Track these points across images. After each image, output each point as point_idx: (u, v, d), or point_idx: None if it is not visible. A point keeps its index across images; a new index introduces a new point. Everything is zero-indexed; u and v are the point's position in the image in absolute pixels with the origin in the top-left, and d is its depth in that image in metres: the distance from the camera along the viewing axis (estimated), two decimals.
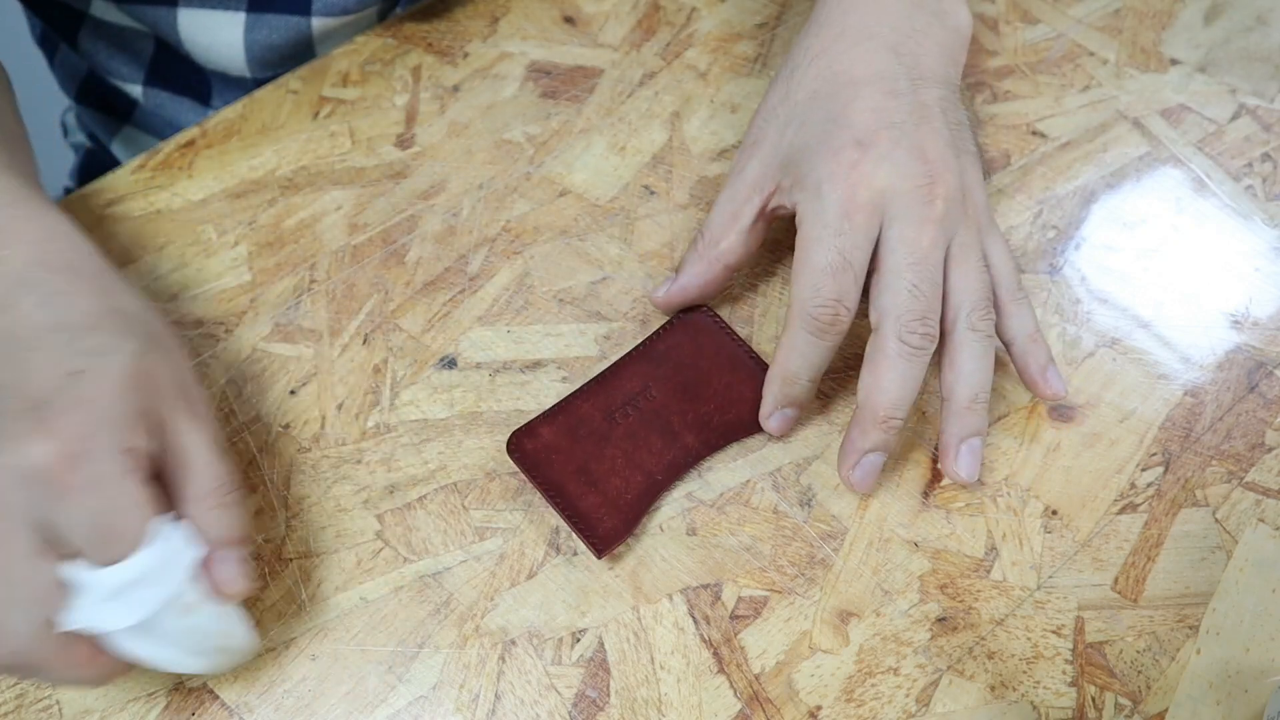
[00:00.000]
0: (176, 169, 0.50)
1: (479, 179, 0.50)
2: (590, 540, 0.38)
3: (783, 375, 0.39)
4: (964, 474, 0.39)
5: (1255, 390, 0.43)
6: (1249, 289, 0.46)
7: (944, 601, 0.38)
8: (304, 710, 0.36)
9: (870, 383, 0.38)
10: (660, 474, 0.40)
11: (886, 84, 0.41)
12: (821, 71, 0.42)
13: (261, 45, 0.55)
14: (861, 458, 0.38)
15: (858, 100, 0.40)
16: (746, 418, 0.41)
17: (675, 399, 0.42)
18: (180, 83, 0.60)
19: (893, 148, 0.39)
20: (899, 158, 0.39)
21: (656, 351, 0.43)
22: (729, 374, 0.42)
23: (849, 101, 0.40)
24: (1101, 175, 0.49)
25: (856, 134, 0.39)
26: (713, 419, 0.41)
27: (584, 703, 0.36)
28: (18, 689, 0.37)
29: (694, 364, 0.42)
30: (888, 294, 0.38)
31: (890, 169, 0.38)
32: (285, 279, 0.47)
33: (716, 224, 0.42)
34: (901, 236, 0.38)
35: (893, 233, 0.38)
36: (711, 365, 0.43)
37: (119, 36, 0.58)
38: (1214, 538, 0.40)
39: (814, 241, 0.38)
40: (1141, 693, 0.36)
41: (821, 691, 0.37)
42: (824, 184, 0.39)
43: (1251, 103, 0.51)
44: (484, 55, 0.54)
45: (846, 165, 0.39)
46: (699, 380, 0.42)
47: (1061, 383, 0.41)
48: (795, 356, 0.39)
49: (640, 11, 0.56)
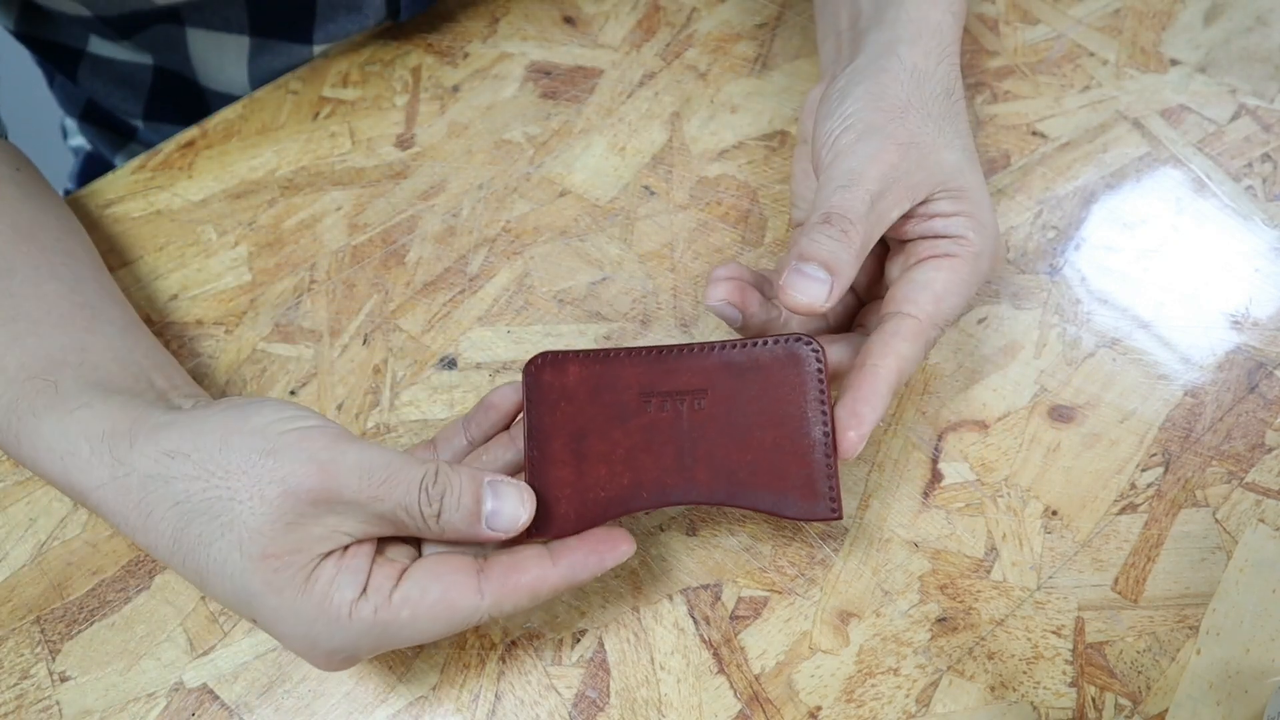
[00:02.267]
0: (176, 169, 0.50)
1: (479, 179, 0.50)
2: (536, 516, 0.34)
3: (894, 389, 0.37)
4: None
5: (1255, 390, 0.43)
6: (1249, 289, 0.46)
7: (944, 602, 0.38)
8: (304, 710, 0.36)
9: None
10: (648, 491, 0.35)
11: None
12: (966, 115, 0.42)
13: (264, 70, 0.56)
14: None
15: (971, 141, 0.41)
16: (770, 495, 0.35)
17: (718, 425, 0.36)
18: (179, 114, 0.60)
19: None
20: None
21: (737, 361, 0.36)
22: (787, 436, 0.36)
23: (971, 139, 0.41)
24: (1101, 175, 0.49)
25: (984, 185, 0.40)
26: (738, 474, 0.35)
27: (584, 703, 0.36)
28: (18, 689, 0.37)
29: (760, 400, 0.36)
30: (946, 305, 0.38)
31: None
32: (285, 279, 0.47)
33: (869, 221, 0.36)
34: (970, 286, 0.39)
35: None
36: (776, 414, 0.36)
37: (117, 72, 0.58)
38: (1214, 538, 0.40)
39: (967, 287, 0.38)
40: (1142, 693, 0.36)
41: (821, 692, 0.37)
42: (990, 236, 0.39)
43: (1251, 103, 0.51)
44: (484, 55, 0.54)
45: (997, 230, 0.40)
46: (754, 423, 0.36)
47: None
48: (906, 374, 0.37)
49: (640, 12, 0.56)
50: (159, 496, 0.32)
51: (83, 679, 0.37)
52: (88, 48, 0.57)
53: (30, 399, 0.35)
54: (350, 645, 0.32)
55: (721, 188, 0.49)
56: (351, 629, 0.31)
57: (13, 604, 0.39)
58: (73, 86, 0.63)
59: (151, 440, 0.33)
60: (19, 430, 0.35)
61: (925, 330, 0.37)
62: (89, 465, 0.34)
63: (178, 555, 0.32)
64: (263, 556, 0.31)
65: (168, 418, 0.34)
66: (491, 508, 0.33)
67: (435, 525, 0.32)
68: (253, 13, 0.53)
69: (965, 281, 0.38)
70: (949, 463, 0.41)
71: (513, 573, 0.33)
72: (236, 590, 0.32)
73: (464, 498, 0.33)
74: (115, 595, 0.39)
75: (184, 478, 0.32)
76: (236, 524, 0.31)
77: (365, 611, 0.31)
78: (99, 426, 0.34)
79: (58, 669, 0.37)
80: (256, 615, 0.32)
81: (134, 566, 0.39)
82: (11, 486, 0.41)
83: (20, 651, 0.38)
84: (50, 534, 0.40)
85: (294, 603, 0.31)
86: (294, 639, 0.32)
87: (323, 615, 0.31)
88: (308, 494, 0.31)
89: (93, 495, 0.34)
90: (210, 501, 0.31)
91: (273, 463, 0.31)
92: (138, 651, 0.38)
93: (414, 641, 0.33)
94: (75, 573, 0.39)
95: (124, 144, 0.65)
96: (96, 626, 0.38)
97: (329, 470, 0.31)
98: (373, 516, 0.32)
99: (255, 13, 0.53)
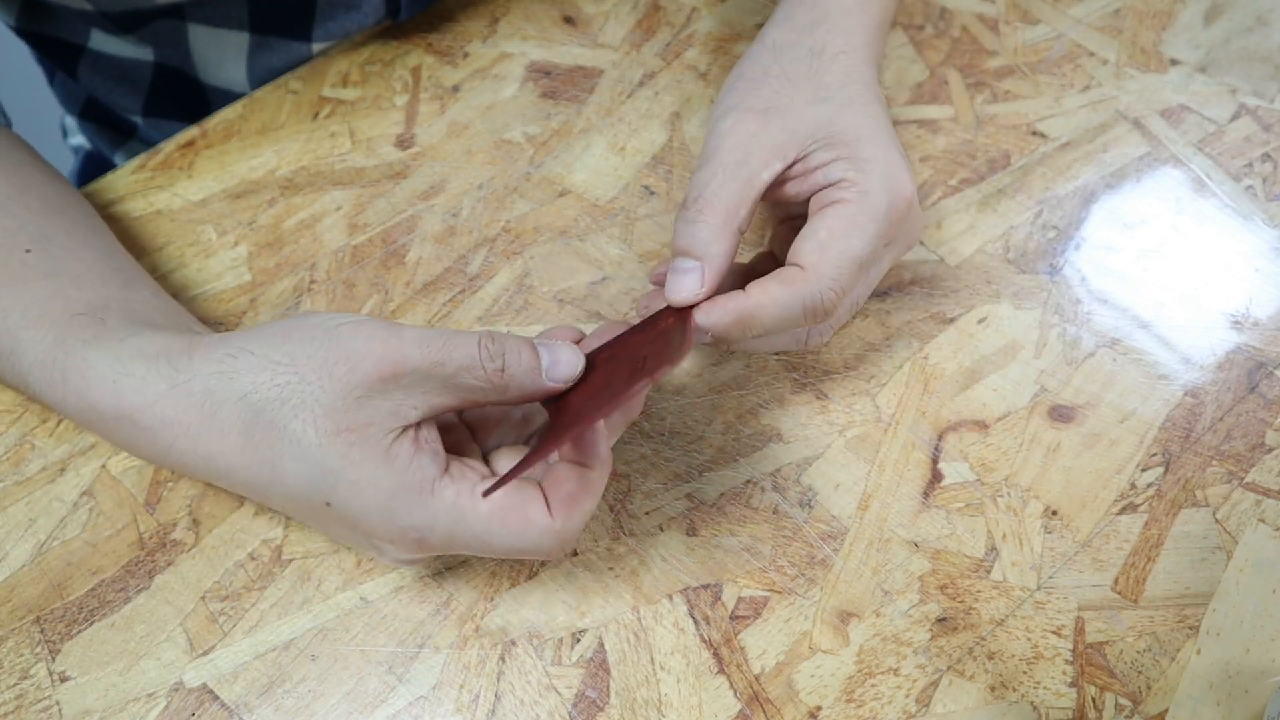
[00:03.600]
0: (176, 169, 0.50)
1: (479, 179, 0.50)
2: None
3: (744, 316, 0.36)
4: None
5: (1255, 390, 0.43)
6: (1249, 289, 0.46)
7: (944, 602, 0.38)
8: (304, 710, 0.36)
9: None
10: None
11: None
12: (850, 69, 0.41)
13: (263, 66, 0.56)
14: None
15: (884, 108, 0.41)
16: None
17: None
18: (179, 111, 0.60)
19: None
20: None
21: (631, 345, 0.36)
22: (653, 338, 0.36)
23: (882, 108, 0.41)
24: (1101, 175, 0.49)
25: (896, 141, 0.40)
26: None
27: (584, 703, 0.36)
28: (17, 689, 0.37)
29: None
30: (834, 251, 0.37)
31: (914, 187, 0.39)
32: (285, 279, 0.46)
33: (728, 191, 0.37)
34: (891, 255, 0.40)
35: (888, 252, 0.39)
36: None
37: (118, 68, 0.59)
38: (1214, 538, 0.40)
39: (857, 228, 0.37)
40: (1142, 693, 0.36)
41: (821, 692, 0.37)
42: (878, 170, 0.38)
43: (1251, 103, 0.51)
44: (484, 55, 0.54)
45: (898, 166, 0.38)
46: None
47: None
48: (770, 316, 0.36)
49: (640, 11, 0.56)
50: (225, 394, 0.33)
51: (82, 679, 0.37)
52: (88, 43, 0.57)
53: (79, 332, 0.36)
54: (426, 523, 0.32)
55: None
56: (432, 506, 0.32)
57: (12, 604, 0.39)
58: (73, 83, 0.63)
59: (211, 349, 0.34)
60: (66, 364, 0.36)
61: (807, 278, 0.36)
62: (145, 381, 0.34)
63: (248, 449, 0.33)
64: (338, 431, 0.31)
65: (223, 335, 0.35)
66: (549, 360, 0.34)
67: (500, 380, 0.33)
68: (253, 9, 0.53)
69: (855, 223, 0.37)
70: (949, 463, 0.41)
71: (579, 500, 0.33)
72: (313, 471, 0.32)
73: (523, 352, 0.33)
74: (115, 595, 0.39)
75: (249, 370, 0.33)
76: (309, 403, 0.32)
77: (449, 491, 0.32)
78: (153, 348, 0.35)
79: (57, 669, 0.37)
80: (333, 494, 0.32)
81: (134, 566, 0.39)
82: (11, 486, 0.41)
83: (20, 651, 0.38)
84: (50, 534, 0.40)
85: (374, 474, 0.32)
86: (373, 511, 0.32)
87: (405, 487, 0.32)
88: (374, 367, 0.32)
89: (148, 412, 0.34)
90: (279, 388, 0.32)
91: (336, 344, 0.32)
92: (138, 651, 0.38)
93: (482, 545, 0.33)
94: (75, 573, 0.39)
95: (124, 141, 0.65)
96: (96, 626, 0.38)
97: (390, 344, 0.32)
98: (438, 385, 0.32)
99: (255, 9, 0.53)
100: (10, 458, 0.42)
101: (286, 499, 0.33)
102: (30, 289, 0.38)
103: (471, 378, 0.32)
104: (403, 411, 0.32)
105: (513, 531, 0.32)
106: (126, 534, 0.40)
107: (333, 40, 0.55)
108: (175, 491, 0.41)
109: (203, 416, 0.33)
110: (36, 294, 0.38)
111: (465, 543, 0.33)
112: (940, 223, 0.48)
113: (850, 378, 0.43)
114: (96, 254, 0.41)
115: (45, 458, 0.42)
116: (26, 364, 0.37)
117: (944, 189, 0.49)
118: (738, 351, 0.44)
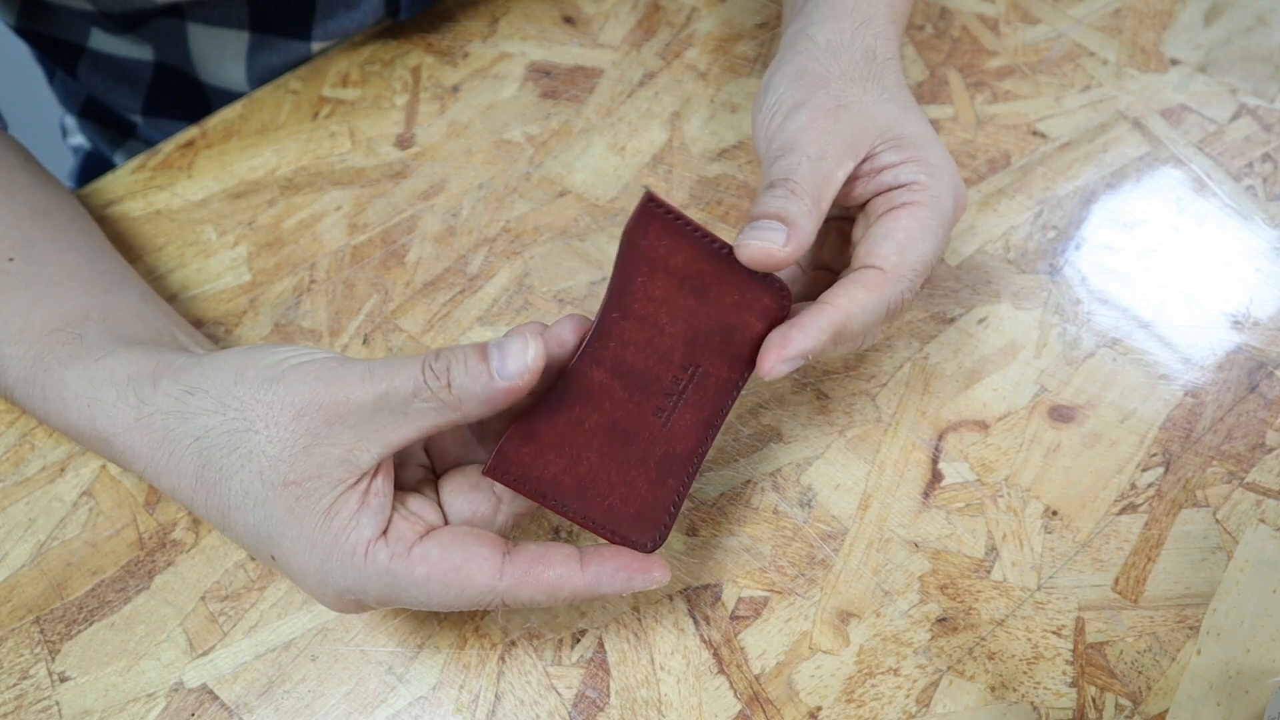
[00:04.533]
0: (176, 169, 0.50)
1: (479, 179, 0.50)
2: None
3: (836, 329, 0.34)
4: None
5: (1256, 391, 0.43)
6: (1249, 289, 0.46)
7: (944, 602, 0.38)
8: (304, 710, 0.36)
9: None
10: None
11: None
12: (900, 75, 0.42)
13: (263, 66, 0.56)
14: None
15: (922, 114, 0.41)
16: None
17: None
18: (178, 110, 0.60)
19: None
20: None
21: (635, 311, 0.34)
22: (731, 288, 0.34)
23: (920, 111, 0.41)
24: (1102, 175, 0.49)
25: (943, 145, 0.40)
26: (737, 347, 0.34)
27: (584, 703, 0.36)
28: (17, 689, 0.37)
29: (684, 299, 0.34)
30: (910, 254, 0.37)
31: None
32: (285, 279, 0.46)
33: (814, 180, 0.36)
34: (936, 230, 0.38)
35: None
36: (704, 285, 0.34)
37: (117, 68, 0.59)
38: (1214, 538, 0.40)
39: (929, 231, 0.37)
40: (1142, 693, 0.36)
41: (822, 692, 0.36)
42: (946, 176, 0.38)
43: (1252, 103, 0.51)
44: (484, 55, 0.54)
45: (957, 173, 0.39)
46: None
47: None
48: (858, 322, 0.35)
49: (640, 11, 0.56)
50: (180, 433, 0.33)
51: (82, 679, 0.37)
52: (88, 43, 0.57)
53: (56, 350, 0.36)
54: (359, 586, 0.32)
55: (722, 187, 0.49)
56: (365, 570, 0.31)
57: (12, 604, 0.39)
58: (73, 83, 0.63)
59: (174, 379, 0.34)
60: (45, 383, 0.36)
61: (889, 280, 0.36)
62: (115, 409, 0.34)
63: (200, 493, 0.33)
64: (284, 484, 0.31)
65: (190, 360, 0.35)
66: (497, 359, 0.31)
67: (449, 396, 0.31)
68: (253, 9, 0.53)
69: (928, 226, 0.37)
70: (949, 463, 0.41)
71: (537, 563, 0.32)
72: (259, 522, 0.32)
73: (469, 360, 0.31)
74: (115, 595, 0.39)
75: (202, 412, 0.33)
76: (256, 454, 0.31)
77: (381, 556, 0.31)
78: (125, 371, 0.35)
79: (57, 669, 0.37)
80: (276, 548, 0.32)
81: (134, 566, 0.39)
82: (11, 486, 0.41)
83: (20, 652, 0.38)
84: (50, 534, 0.40)
85: (313, 532, 0.31)
86: (308, 573, 0.32)
87: (339, 549, 0.31)
88: (319, 411, 0.31)
89: (119, 440, 0.34)
90: (229, 435, 0.32)
91: (281, 389, 0.32)
92: (137, 652, 0.38)
93: (420, 603, 0.32)
94: (75, 573, 0.39)
95: (123, 140, 0.66)
96: (96, 627, 0.38)
97: (334, 384, 0.31)
98: (389, 418, 0.31)
99: (255, 9, 0.53)
100: (10, 458, 0.42)
101: (239, 543, 0.33)
102: (11, 301, 0.38)
103: (421, 402, 0.31)
104: (354, 457, 0.31)
105: (452, 591, 0.32)
106: (126, 534, 0.40)
107: (332, 40, 0.55)
108: None
109: (163, 454, 0.33)
110: (16, 308, 0.38)
111: (405, 601, 0.32)
112: None
113: (850, 378, 0.43)
114: (81, 258, 0.41)
115: (45, 458, 0.42)
116: (10, 379, 0.37)
117: None
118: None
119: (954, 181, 0.38)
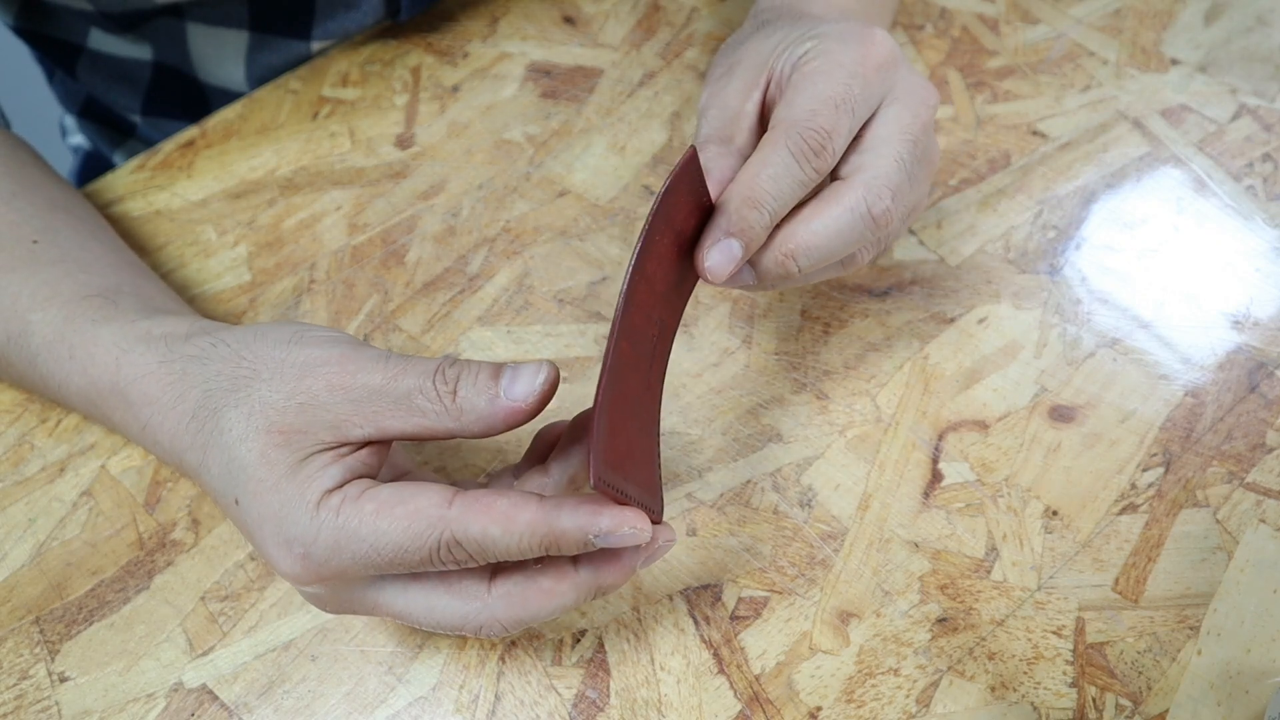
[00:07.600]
0: (176, 169, 0.50)
1: (479, 179, 0.50)
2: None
3: (745, 196, 0.34)
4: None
5: (1256, 391, 0.43)
6: (1250, 289, 0.46)
7: (944, 602, 0.38)
8: (304, 710, 0.36)
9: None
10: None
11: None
12: (835, 5, 0.42)
13: (263, 66, 0.56)
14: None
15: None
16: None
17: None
18: (178, 110, 0.60)
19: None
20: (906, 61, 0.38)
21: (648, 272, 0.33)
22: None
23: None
24: (1102, 175, 0.49)
25: (878, 26, 0.39)
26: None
27: (584, 703, 0.36)
28: (17, 689, 0.37)
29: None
30: (869, 155, 0.36)
31: (900, 55, 0.38)
32: (285, 279, 0.46)
33: (717, 124, 0.37)
34: (899, 115, 0.37)
35: (890, 111, 0.37)
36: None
37: (117, 68, 0.59)
38: (1215, 538, 0.39)
39: (822, 74, 0.36)
40: (1142, 694, 0.36)
41: (822, 692, 0.36)
42: (838, 33, 0.37)
43: (1252, 103, 0.51)
44: (484, 55, 0.54)
45: (865, 26, 0.37)
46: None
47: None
48: (766, 178, 0.34)
49: (640, 11, 0.56)
50: (193, 378, 0.34)
51: (82, 679, 0.37)
52: (87, 43, 0.58)
53: (90, 313, 0.37)
54: (310, 537, 0.30)
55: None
56: (317, 518, 0.30)
57: (12, 604, 0.39)
58: (72, 82, 0.63)
59: (204, 334, 0.35)
60: (74, 341, 0.37)
61: (780, 131, 0.35)
62: (142, 358, 0.35)
63: (191, 429, 0.33)
64: (269, 429, 0.31)
65: (217, 324, 0.36)
66: (508, 378, 0.31)
67: (452, 404, 0.31)
68: (252, 8, 0.53)
69: (823, 71, 0.36)
70: (949, 463, 0.41)
71: (489, 494, 0.31)
72: (231, 460, 0.32)
73: (480, 375, 0.31)
74: (115, 595, 0.39)
75: (218, 359, 0.33)
76: (252, 396, 0.32)
77: (332, 502, 0.30)
78: (160, 330, 0.36)
79: (57, 669, 0.37)
80: (242, 490, 0.31)
81: (134, 566, 0.39)
82: (11, 487, 0.41)
83: (19, 652, 0.38)
84: (50, 534, 0.40)
85: (279, 479, 0.31)
86: (266, 518, 0.31)
87: (295, 498, 0.31)
88: (325, 378, 0.31)
89: (137, 386, 0.35)
90: (234, 379, 0.33)
91: (296, 349, 0.32)
92: (137, 652, 0.38)
93: (367, 558, 0.30)
94: (75, 573, 0.39)
95: (123, 140, 0.66)
96: (96, 627, 0.38)
97: (347, 359, 0.32)
98: (389, 404, 0.31)
99: (255, 8, 0.53)
100: (10, 458, 0.42)
101: (211, 488, 0.33)
102: (39, 273, 0.39)
103: (423, 399, 0.31)
104: (345, 428, 0.31)
105: (400, 524, 0.30)
106: (126, 534, 0.40)
107: (332, 39, 0.55)
108: (175, 492, 0.41)
109: (174, 396, 0.34)
110: (44, 278, 0.38)
111: (351, 554, 0.30)
112: (940, 222, 0.48)
113: (850, 378, 0.43)
114: (105, 248, 0.42)
115: (45, 458, 0.42)
116: (35, 344, 0.38)
117: (944, 189, 0.49)
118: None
119: (848, 31, 0.37)
